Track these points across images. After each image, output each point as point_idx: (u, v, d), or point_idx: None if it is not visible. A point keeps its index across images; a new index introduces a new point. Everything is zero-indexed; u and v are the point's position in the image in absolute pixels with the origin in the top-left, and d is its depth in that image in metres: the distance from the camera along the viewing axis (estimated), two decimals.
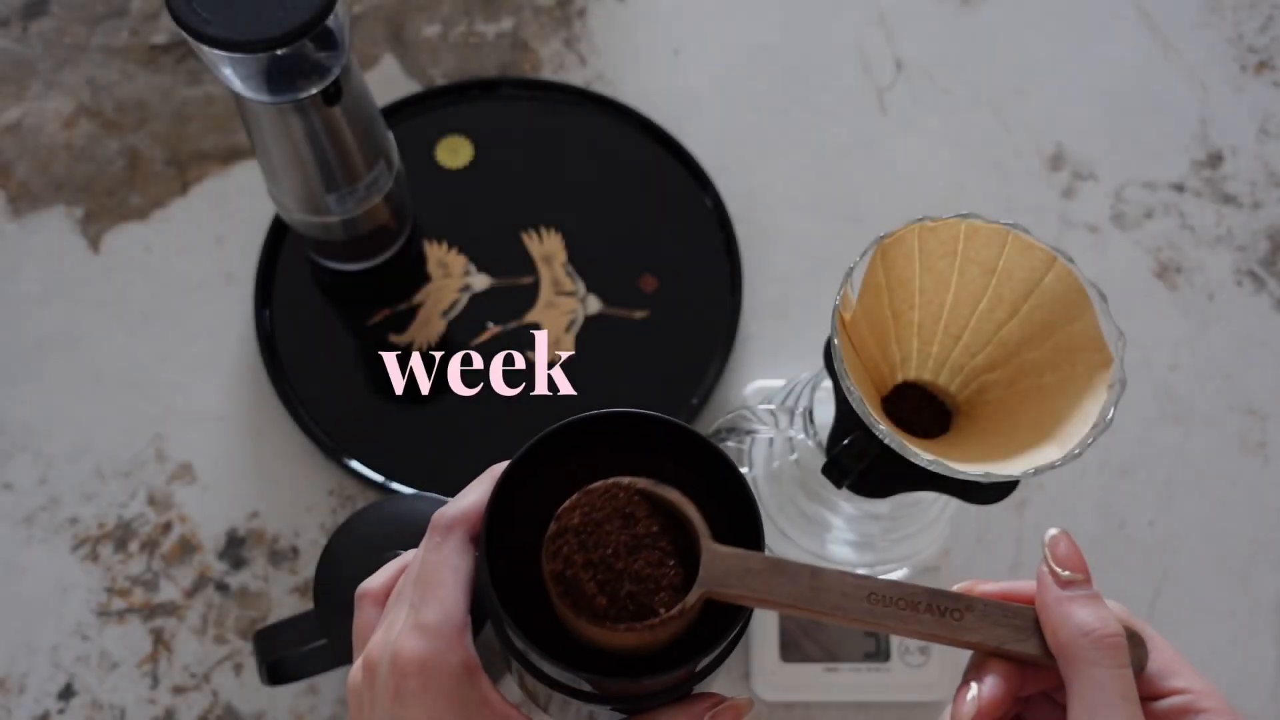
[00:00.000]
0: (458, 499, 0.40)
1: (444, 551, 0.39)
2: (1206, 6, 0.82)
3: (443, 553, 0.38)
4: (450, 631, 0.37)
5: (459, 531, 0.39)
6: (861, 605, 0.36)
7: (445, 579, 0.38)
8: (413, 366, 0.70)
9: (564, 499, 0.37)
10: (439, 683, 0.37)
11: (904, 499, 0.54)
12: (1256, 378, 0.72)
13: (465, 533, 0.39)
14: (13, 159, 0.76)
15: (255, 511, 0.68)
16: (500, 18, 0.80)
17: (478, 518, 0.39)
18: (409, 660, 0.37)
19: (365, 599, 0.42)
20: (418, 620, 0.37)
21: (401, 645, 0.37)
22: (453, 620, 0.37)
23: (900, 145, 0.78)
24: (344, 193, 0.62)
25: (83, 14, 0.79)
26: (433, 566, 0.38)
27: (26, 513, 0.68)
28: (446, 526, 0.39)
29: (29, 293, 0.73)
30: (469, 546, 0.39)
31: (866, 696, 0.64)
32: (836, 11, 0.81)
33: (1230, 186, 0.77)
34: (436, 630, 0.37)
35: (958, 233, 0.47)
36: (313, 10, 0.50)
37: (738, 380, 0.71)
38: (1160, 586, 0.67)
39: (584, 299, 0.72)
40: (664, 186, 0.75)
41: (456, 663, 0.37)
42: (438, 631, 0.37)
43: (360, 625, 0.42)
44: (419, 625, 0.37)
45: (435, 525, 0.39)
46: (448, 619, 0.37)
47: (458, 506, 0.39)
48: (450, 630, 0.37)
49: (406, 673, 0.37)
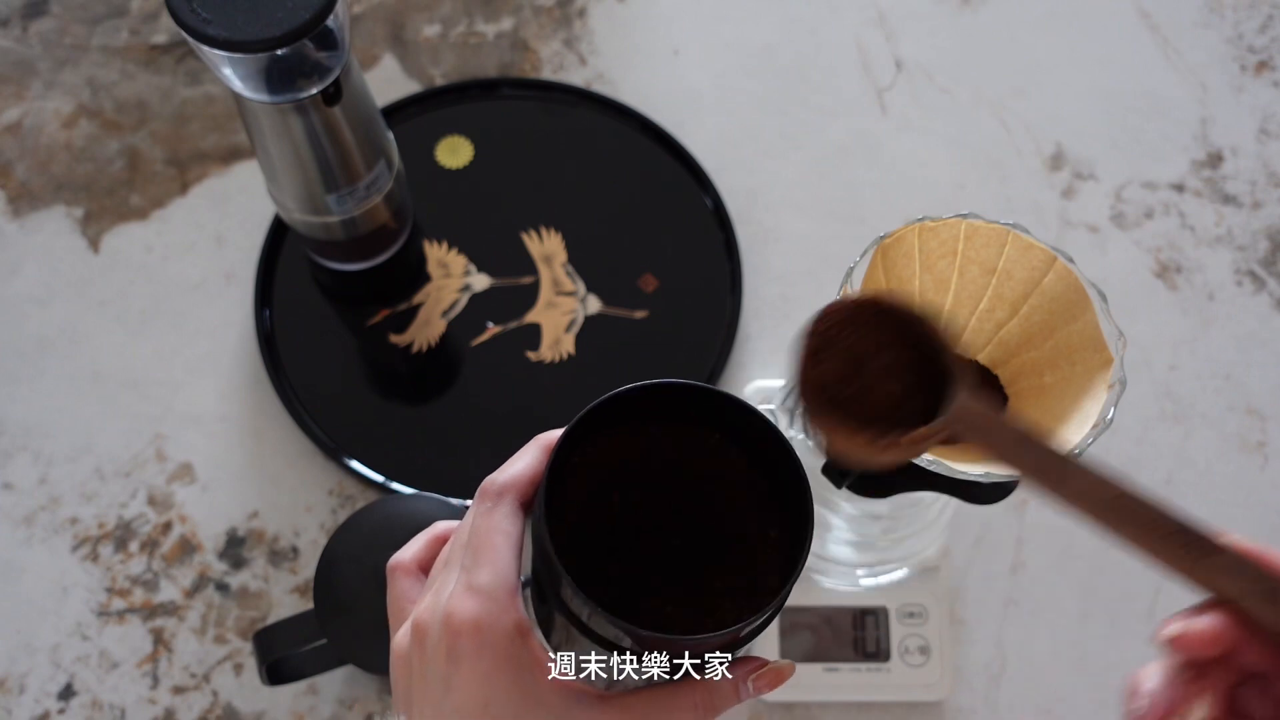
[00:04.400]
0: (506, 466, 0.40)
1: (495, 517, 0.39)
2: (1206, 6, 0.82)
3: (494, 518, 0.39)
4: (503, 594, 0.37)
5: (510, 497, 0.39)
6: (1104, 503, 0.32)
7: (497, 543, 0.38)
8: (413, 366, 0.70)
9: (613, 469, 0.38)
10: (494, 643, 0.37)
11: (904, 499, 0.54)
12: (1256, 378, 0.72)
13: (515, 498, 0.39)
14: (13, 159, 0.76)
15: (255, 511, 0.68)
16: (500, 18, 0.80)
17: (527, 484, 0.39)
18: (463, 621, 0.37)
19: (398, 570, 0.42)
20: (470, 582, 0.37)
21: (455, 606, 0.37)
22: (506, 582, 0.38)
23: (900, 145, 0.78)
24: (344, 193, 0.62)
25: (83, 14, 0.79)
26: (484, 531, 0.38)
27: (26, 513, 0.68)
28: (497, 492, 0.39)
29: (29, 293, 0.73)
30: (519, 512, 0.39)
31: (866, 696, 0.64)
32: (836, 11, 0.81)
33: (1230, 186, 0.77)
34: (490, 592, 0.37)
35: (958, 233, 0.47)
36: (313, 10, 0.50)
37: (738, 380, 0.71)
38: (1160, 586, 0.67)
39: (584, 299, 0.72)
40: (664, 186, 0.75)
41: (510, 624, 0.37)
42: (491, 594, 0.37)
43: (395, 596, 0.42)
44: (471, 587, 0.37)
45: (485, 491, 0.39)
46: (501, 581, 0.37)
47: (508, 473, 0.39)
48: (503, 592, 0.37)
49: (460, 633, 0.37)
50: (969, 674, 0.66)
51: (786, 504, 0.39)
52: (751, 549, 0.39)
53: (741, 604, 0.38)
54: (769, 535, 0.39)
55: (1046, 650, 0.66)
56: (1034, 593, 0.67)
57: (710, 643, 0.37)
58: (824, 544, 0.62)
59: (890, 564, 0.63)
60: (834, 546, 0.62)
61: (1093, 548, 0.68)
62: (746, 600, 0.38)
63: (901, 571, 0.64)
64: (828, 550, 0.62)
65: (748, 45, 0.80)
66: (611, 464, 0.39)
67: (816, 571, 0.64)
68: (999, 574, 0.68)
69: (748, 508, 0.39)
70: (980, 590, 0.67)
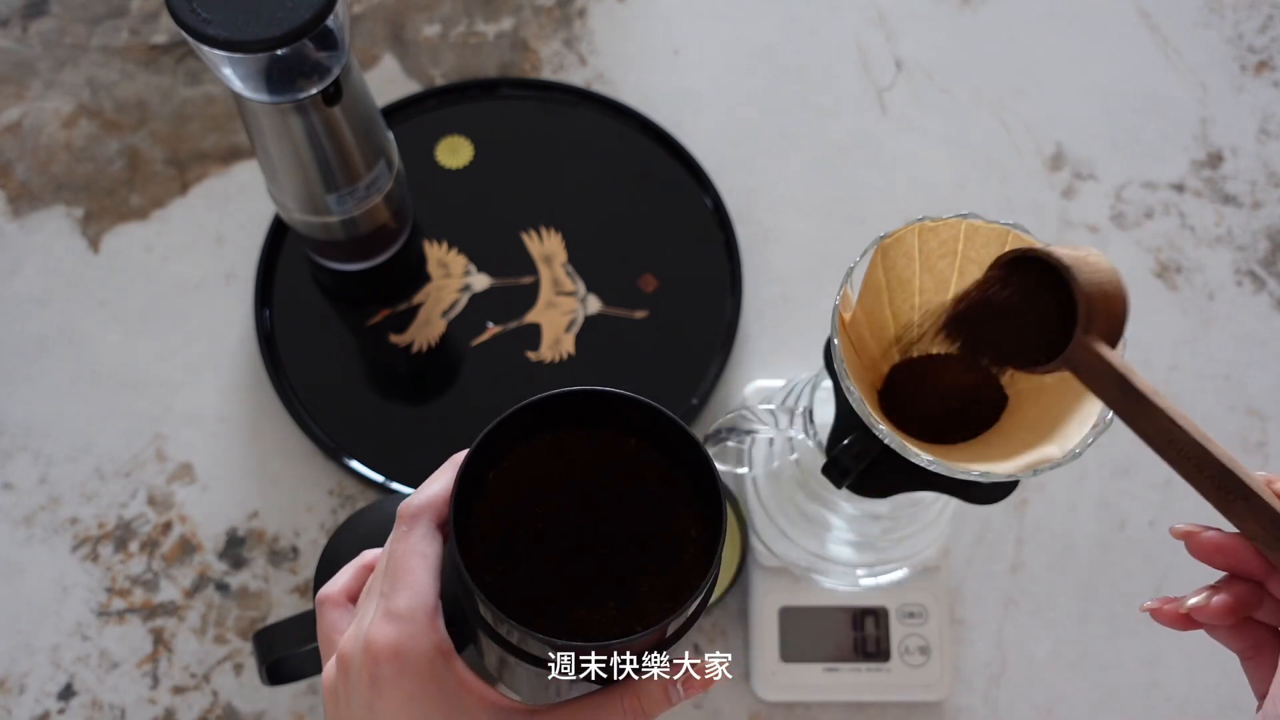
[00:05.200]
0: (423, 487, 0.40)
1: (411, 540, 0.39)
2: (1206, 6, 0.82)
3: (410, 541, 0.39)
4: (422, 616, 0.38)
5: (425, 518, 0.39)
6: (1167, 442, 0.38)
7: (413, 565, 0.38)
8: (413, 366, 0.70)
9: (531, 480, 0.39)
10: (414, 667, 0.37)
11: (904, 499, 0.54)
12: (1256, 378, 0.72)
13: (431, 519, 0.39)
14: (13, 159, 0.76)
15: (255, 511, 0.68)
16: (500, 18, 0.80)
17: (443, 504, 0.39)
18: (382, 647, 0.37)
19: (326, 603, 0.42)
20: (388, 608, 0.38)
21: (374, 634, 0.37)
22: (424, 605, 0.38)
23: (900, 145, 0.78)
24: (344, 193, 0.62)
25: (83, 14, 0.79)
26: (400, 555, 0.39)
27: (26, 513, 0.68)
28: (413, 515, 0.39)
29: (29, 293, 0.73)
30: (436, 533, 0.39)
31: (866, 696, 0.64)
32: (836, 11, 0.81)
33: (1230, 186, 0.77)
34: (408, 616, 0.37)
35: (958, 233, 0.47)
36: (313, 10, 0.50)
37: (738, 380, 0.71)
38: (1160, 586, 0.67)
39: (584, 299, 0.72)
40: (664, 186, 0.75)
41: (430, 646, 0.37)
42: (409, 617, 0.37)
43: (324, 629, 0.42)
44: (390, 613, 0.38)
45: (402, 515, 0.40)
46: (419, 604, 0.38)
47: (424, 495, 0.40)
48: (422, 615, 0.38)
49: (380, 659, 0.37)
50: (969, 674, 0.66)
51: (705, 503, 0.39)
52: (674, 549, 0.39)
53: (666, 605, 0.38)
54: (690, 534, 0.39)
55: (1046, 650, 0.66)
56: (1034, 593, 0.67)
57: (634, 644, 0.37)
58: (824, 544, 0.62)
59: (890, 564, 0.63)
60: (834, 546, 0.62)
61: (1093, 548, 0.68)
62: (671, 600, 0.38)
63: (901, 571, 0.64)
64: (828, 550, 0.62)
65: (748, 45, 0.80)
66: (529, 475, 0.39)
67: (816, 571, 0.64)
68: (999, 574, 0.68)
69: (668, 509, 0.39)
70: (980, 590, 0.67)
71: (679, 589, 0.38)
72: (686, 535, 0.39)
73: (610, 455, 0.40)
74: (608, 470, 0.39)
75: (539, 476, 0.39)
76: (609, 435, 0.40)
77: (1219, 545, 0.39)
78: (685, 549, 0.39)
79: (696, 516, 0.39)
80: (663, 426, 0.39)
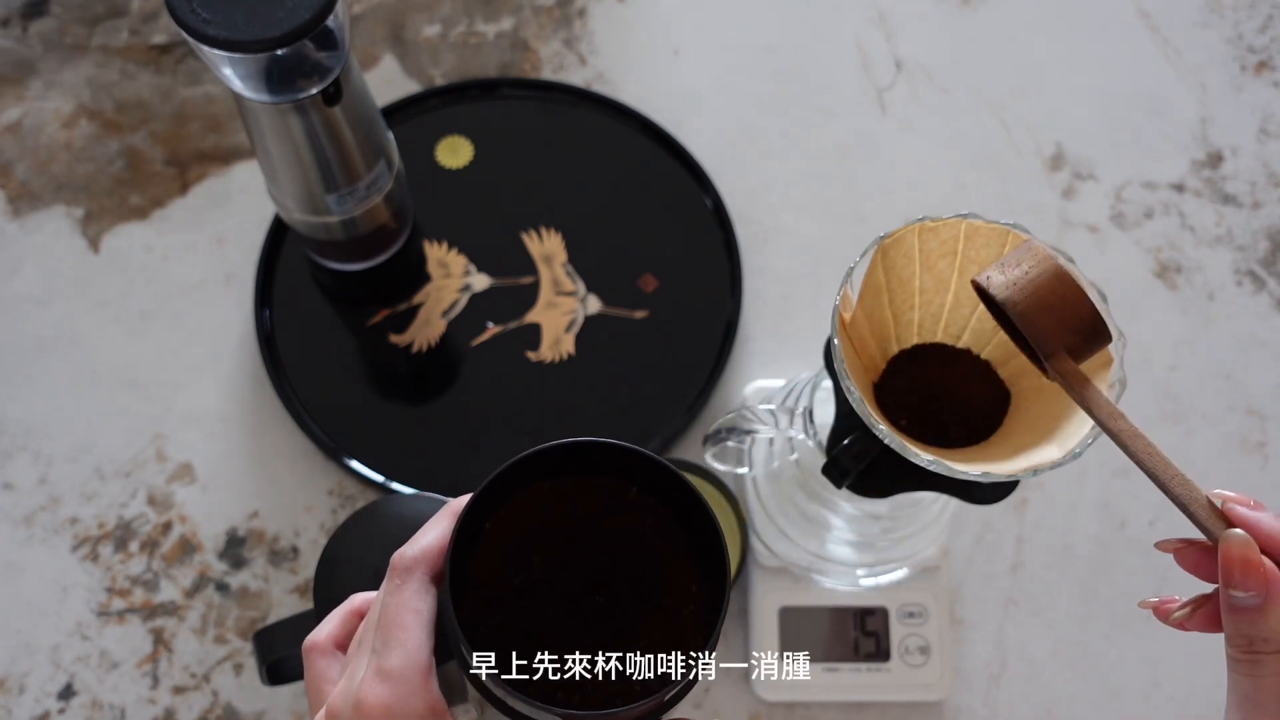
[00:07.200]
0: (416, 538, 0.39)
1: (404, 594, 0.38)
2: (1206, 6, 0.82)
3: (403, 595, 0.38)
4: (415, 676, 0.37)
5: (419, 571, 0.38)
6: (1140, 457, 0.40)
7: (407, 622, 0.37)
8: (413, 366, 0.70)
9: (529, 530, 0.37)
10: None
11: (904, 499, 0.54)
12: (1256, 378, 0.72)
13: (425, 572, 0.38)
14: (13, 159, 0.76)
15: (255, 511, 0.68)
16: (500, 18, 0.80)
17: (438, 555, 0.38)
18: (373, 707, 0.36)
19: (314, 651, 0.41)
20: (380, 666, 0.37)
21: (365, 693, 0.37)
22: (417, 664, 0.37)
23: (900, 145, 0.78)
24: (344, 193, 0.62)
25: (83, 14, 0.79)
26: (394, 609, 0.38)
27: (26, 513, 0.68)
28: (406, 568, 0.38)
29: (29, 293, 0.73)
30: (430, 586, 0.38)
31: (866, 696, 0.64)
32: (836, 11, 0.81)
33: (1230, 186, 0.77)
34: (401, 676, 0.37)
35: (958, 233, 0.47)
36: (313, 10, 0.50)
37: (738, 380, 0.71)
38: (1160, 586, 0.67)
39: (584, 299, 0.72)
40: (664, 186, 0.75)
41: (423, 707, 0.37)
42: (402, 677, 0.36)
43: (312, 678, 0.41)
44: (382, 671, 0.37)
45: (395, 567, 0.39)
46: (411, 663, 0.37)
47: (417, 546, 0.39)
48: (415, 675, 0.37)
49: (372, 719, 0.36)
50: (969, 674, 0.66)
51: (706, 557, 0.38)
52: (674, 605, 0.38)
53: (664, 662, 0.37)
54: (690, 590, 0.38)
55: (1046, 650, 0.66)
56: (1034, 593, 0.67)
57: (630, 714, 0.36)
58: (824, 544, 0.62)
59: (890, 564, 0.63)
60: (834, 546, 0.62)
61: (1093, 548, 0.68)
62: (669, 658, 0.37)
63: (901, 571, 0.64)
64: (828, 550, 0.62)
65: (748, 45, 0.80)
66: (526, 525, 0.38)
67: (816, 571, 0.64)
68: (999, 574, 0.68)
69: (668, 562, 0.38)
70: (980, 590, 0.67)
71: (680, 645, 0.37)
72: (687, 590, 0.38)
73: (610, 504, 0.39)
74: (607, 520, 0.38)
75: (536, 527, 0.38)
76: (610, 484, 0.39)
77: (1196, 561, 0.39)
78: (686, 604, 0.38)
79: (698, 569, 0.38)
80: (665, 478, 0.38)
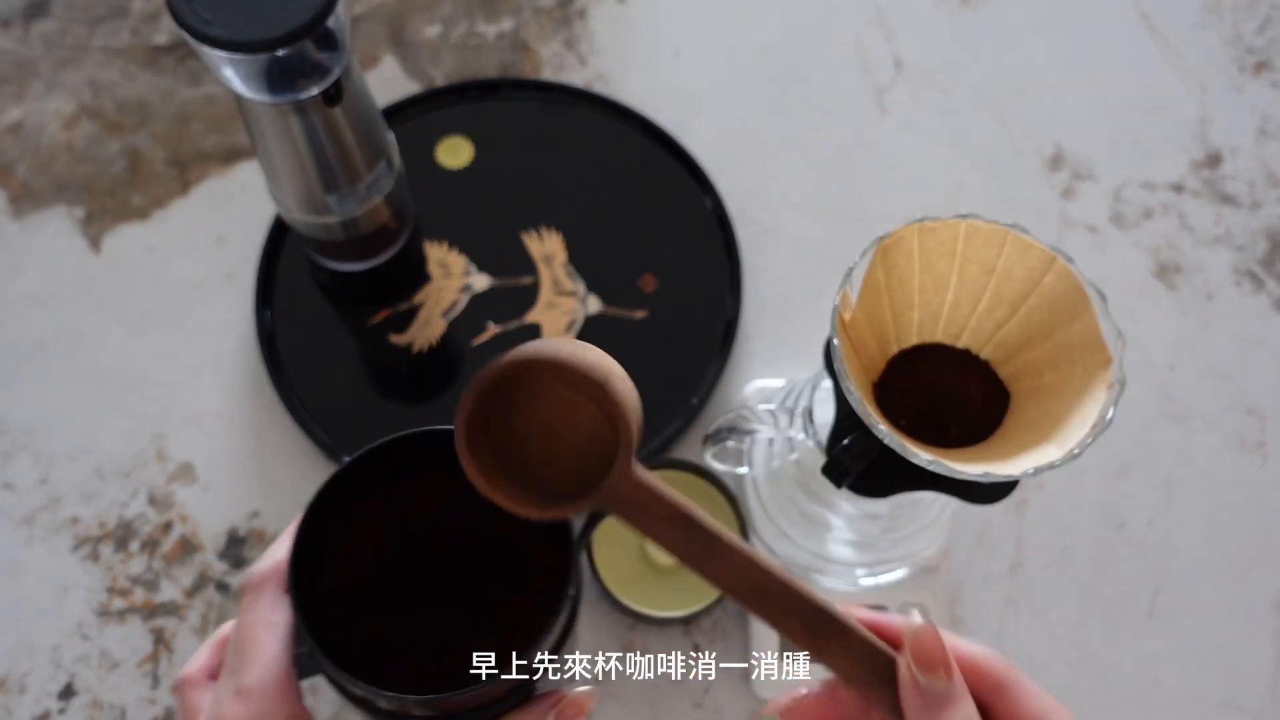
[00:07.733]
0: (266, 554, 0.39)
1: (257, 609, 0.38)
2: (1206, 7, 0.82)
3: (256, 611, 0.38)
4: (272, 689, 0.37)
5: (270, 585, 0.38)
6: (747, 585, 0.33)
7: (260, 636, 0.37)
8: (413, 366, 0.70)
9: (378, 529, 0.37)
10: None
11: (904, 499, 0.54)
12: (1256, 378, 0.72)
13: (277, 586, 0.38)
14: (14, 159, 0.76)
15: (256, 511, 0.68)
16: (500, 18, 0.80)
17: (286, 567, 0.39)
18: None
19: (185, 686, 0.41)
20: (238, 685, 0.37)
21: (225, 713, 0.37)
22: (274, 677, 0.37)
23: (900, 145, 0.78)
24: (344, 193, 0.62)
25: (84, 15, 0.79)
26: (247, 626, 0.38)
27: (27, 513, 0.68)
28: (257, 585, 0.38)
29: (29, 293, 0.73)
30: (283, 599, 0.38)
31: None
32: (836, 11, 0.81)
33: (1229, 187, 0.77)
34: (258, 690, 0.37)
35: (957, 233, 0.47)
36: (313, 11, 0.50)
37: (738, 380, 0.71)
38: (1160, 586, 0.67)
39: (584, 299, 0.72)
40: (664, 186, 0.75)
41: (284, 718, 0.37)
42: (260, 692, 0.37)
43: (185, 712, 0.41)
44: (240, 690, 0.37)
45: (247, 585, 0.39)
46: (269, 676, 0.37)
47: (267, 562, 0.39)
48: (272, 688, 0.37)
49: None
50: None
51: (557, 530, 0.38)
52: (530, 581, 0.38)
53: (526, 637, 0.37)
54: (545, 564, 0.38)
55: (1046, 650, 0.67)
56: (1034, 593, 0.68)
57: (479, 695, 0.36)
58: (824, 544, 0.62)
59: (890, 564, 0.63)
60: (834, 546, 0.62)
61: (1091, 548, 0.68)
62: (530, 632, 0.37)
63: (901, 571, 0.64)
64: (828, 550, 0.62)
65: (748, 45, 0.80)
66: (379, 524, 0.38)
67: (816, 571, 0.64)
68: (999, 574, 0.68)
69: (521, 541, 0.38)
70: (980, 590, 0.67)
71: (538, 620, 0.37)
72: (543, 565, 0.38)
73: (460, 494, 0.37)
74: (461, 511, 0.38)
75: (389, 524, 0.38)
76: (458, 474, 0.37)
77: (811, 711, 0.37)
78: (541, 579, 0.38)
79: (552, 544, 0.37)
80: None
